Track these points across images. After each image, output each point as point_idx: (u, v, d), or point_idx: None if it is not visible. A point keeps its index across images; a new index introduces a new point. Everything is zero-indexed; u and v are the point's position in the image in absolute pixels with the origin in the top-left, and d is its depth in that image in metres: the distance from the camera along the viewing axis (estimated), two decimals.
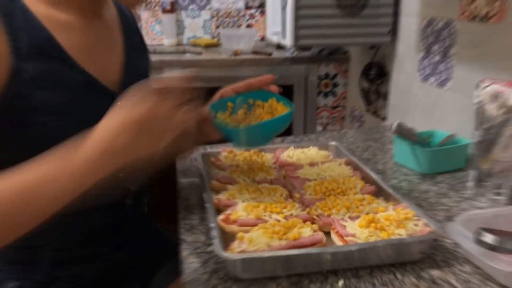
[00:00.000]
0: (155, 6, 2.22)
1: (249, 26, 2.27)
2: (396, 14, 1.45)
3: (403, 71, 1.46)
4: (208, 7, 2.23)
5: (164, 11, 2.14)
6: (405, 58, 1.44)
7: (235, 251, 0.66)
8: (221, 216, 0.76)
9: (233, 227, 0.73)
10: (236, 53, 1.86)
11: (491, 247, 0.63)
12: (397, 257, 0.69)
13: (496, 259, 0.64)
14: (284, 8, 1.39)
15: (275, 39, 1.55)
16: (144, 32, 2.11)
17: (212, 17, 2.25)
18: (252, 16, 2.26)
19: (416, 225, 0.71)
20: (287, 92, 1.94)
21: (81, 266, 0.84)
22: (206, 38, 2.25)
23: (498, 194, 0.89)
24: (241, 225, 0.73)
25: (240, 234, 0.69)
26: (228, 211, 0.77)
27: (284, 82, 1.92)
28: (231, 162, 0.99)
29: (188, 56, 1.88)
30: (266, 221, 0.73)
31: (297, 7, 1.36)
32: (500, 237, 0.64)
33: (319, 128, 2.08)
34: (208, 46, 2.11)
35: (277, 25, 1.53)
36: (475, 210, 0.84)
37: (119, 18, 0.90)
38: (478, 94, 0.90)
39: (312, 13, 1.38)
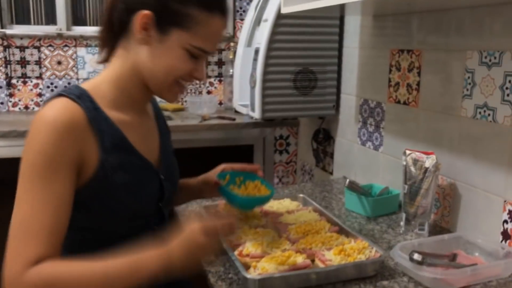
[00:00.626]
0: None
1: (209, 92, 2.61)
2: (338, 93, 1.86)
3: (345, 136, 1.85)
4: None
5: None
6: (347, 127, 1.84)
7: (253, 274, 0.96)
8: (236, 252, 1.06)
9: (246, 259, 1.03)
10: (204, 118, 2.17)
11: (419, 263, 0.98)
12: (359, 273, 1.02)
13: (422, 270, 0.98)
14: (253, 87, 1.75)
15: (244, 110, 1.89)
16: None
17: None
18: (211, 84, 2.61)
19: (370, 251, 1.05)
20: (248, 150, 2.29)
21: None
22: (172, 104, 2.55)
23: (422, 229, 1.26)
24: (253, 257, 1.03)
25: (253, 263, 1.00)
26: (240, 248, 1.07)
27: (246, 142, 2.26)
28: (228, 212, 1.29)
29: None
30: (269, 254, 1.04)
31: (264, 87, 1.72)
32: (425, 256, 0.99)
33: (276, 180, 2.43)
34: (176, 111, 2.41)
35: (244, 99, 1.88)
36: (407, 241, 1.20)
37: (151, 107, 1.13)
38: (405, 159, 1.28)
39: (275, 93, 1.74)
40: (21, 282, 0.79)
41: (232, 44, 2.41)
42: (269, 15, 1.70)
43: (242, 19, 2.53)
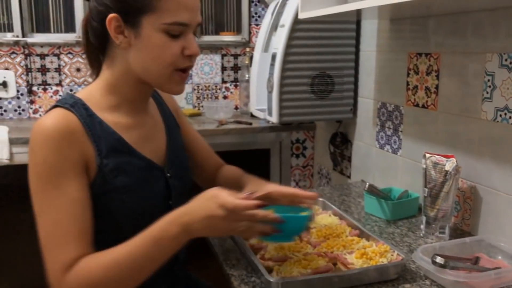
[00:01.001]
0: None
1: (225, 97, 2.64)
2: (355, 97, 1.86)
3: (363, 140, 1.86)
4: (190, 81, 2.58)
5: None
6: (364, 130, 1.84)
7: (276, 278, 0.97)
8: (258, 255, 1.07)
9: (269, 263, 1.04)
10: (221, 123, 2.20)
11: (442, 266, 0.98)
12: (381, 277, 1.02)
13: (445, 273, 0.98)
14: (270, 92, 1.76)
15: (261, 115, 1.90)
16: None
17: (194, 90, 2.60)
18: (227, 89, 2.63)
19: (392, 255, 1.06)
20: (265, 154, 2.30)
21: None
22: (189, 109, 2.58)
23: (442, 232, 1.25)
24: (275, 261, 1.04)
25: (276, 267, 1.01)
26: (262, 252, 1.08)
27: (263, 146, 2.28)
28: None
29: None
30: (291, 258, 1.05)
31: (281, 92, 1.74)
32: (447, 259, 0.99)
33: (293, 184, 2.44)
34: (192, 116, 2.44)
35: (262, 104, 1.90)
36: (429, 244, 1.19)
37: (155, 103, 1.11)
38: (424, 162, 1.28)
39: (292, 97, 1.76)
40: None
41: (247, 49, 2.43)
42: (286, 20, 1.72)
43: (257, 25, 2.55)
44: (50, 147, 0.87)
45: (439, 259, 0.98)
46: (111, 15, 0.92)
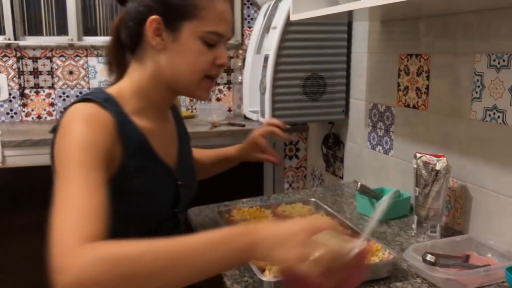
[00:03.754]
0: None
1: (218, 99, 2.64)
2: (347, 98, 1.88)
3: (355, 141, 1.87)
4: None
5: None
6: (356, 131, 1.85)
7: (269, 277, 0.98)
8: None
9: (261, 262, 1.04)
10: (214, 125, 2.20)
11: (432, 264, 0.99)
12: (373, 275, 1.03)
13: (435, 271, 0.99)
14: (263, 93, 1.77)
15: (254, 116, 1.91)
16: None
17: None
18: (220, 91, 2.64)
19: (383, 254, 1.07)
20: None
21: None
22: (183, 111, 2.59)
23: (434, 231, 1.26)
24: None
25: (268, 266, 1.02)
26: None
27: None
28: (241, 216, 1.31)
29: None
30: None
31: (274, 93, 1.75)
32: (437, 257, 1.00)
33: (286, 185, 2.45)
34: (186, 118, 2.44)
35: (254, 105, 1.91)
36: (420, 243, 1.20)
37: (171, 112, 1.13)
38: (415, 162, 1.29)
39: (285, 99, 1.77)
40: (76, 255, 0.65)
41: (240, 51, 2.44)
42: (278, 22, 1.73)
43: (250, 27, 2.56)
44: (86, 129, 0.83)
45: (429, 257, 0.99)
46: (153, 16, 0.93)
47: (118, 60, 1.04)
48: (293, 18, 1.49)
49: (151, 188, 0.98)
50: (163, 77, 0.98)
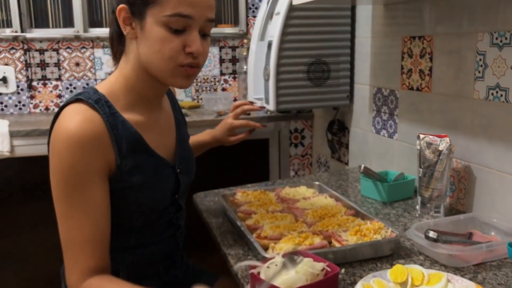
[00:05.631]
0: None
1: (223, 89, 2.65)
2: (352, 83, 1.87)
3: (360, 126, 1.87)
4: None
5: None
6: (361, 116, 1.85)
7: (272, 255, 0.98)
8: (254, 235, 1.08)
9: (265, 241, 1.06)
10: (220, 114, 2.21)
11: (435, 240, 0.99)
12: (376, 253, 1.03)
13: (438, 247, 1.00)
14: (267, 80, 1.77)
15: (258, 103, 1.91)
16: None
17: (192, 82, 2.61)
18: (226, 81, 2.64)
19: (386, 232, 1.07)
20: (263, 144, 2.31)
21: (147, 281, 1.04)
22: (188, 101, 2.60)
23: (437, 211, 1.27)
24: (271, 239, 1.05)
25: (272, 245, 1.03)
26: (258, 231, 1.10)
27: (261, 136, 2.29)
28: (245, 199, 1.32)
29: None
30: (287, 236, 1.06)
31: (278, 80, 1.75)
32: (440, 234, 1.00)
33: (292, 173, 2.46)
34: (192, 108, 2.45)
35: (259, 93, 1.91)
36: (423, 221, 1.21)
37: (167, 98, 1.15)
38: (419, 143, 1.29)
39: (289, 85, 1.77)
40: None
41: (245, 41, 2.44)
42: (281, 8, 1.73)
43: (254, 16, 2.56)
44: (76, 154, 0.87)
45: (432, 234, 1.00)
46: (120, 5, 0.93)
47: (120, 52, 1.03)
48: (296, 2, 1.49)
49: (150, 182, 0.99)
50: (143, 66, 0.95)
